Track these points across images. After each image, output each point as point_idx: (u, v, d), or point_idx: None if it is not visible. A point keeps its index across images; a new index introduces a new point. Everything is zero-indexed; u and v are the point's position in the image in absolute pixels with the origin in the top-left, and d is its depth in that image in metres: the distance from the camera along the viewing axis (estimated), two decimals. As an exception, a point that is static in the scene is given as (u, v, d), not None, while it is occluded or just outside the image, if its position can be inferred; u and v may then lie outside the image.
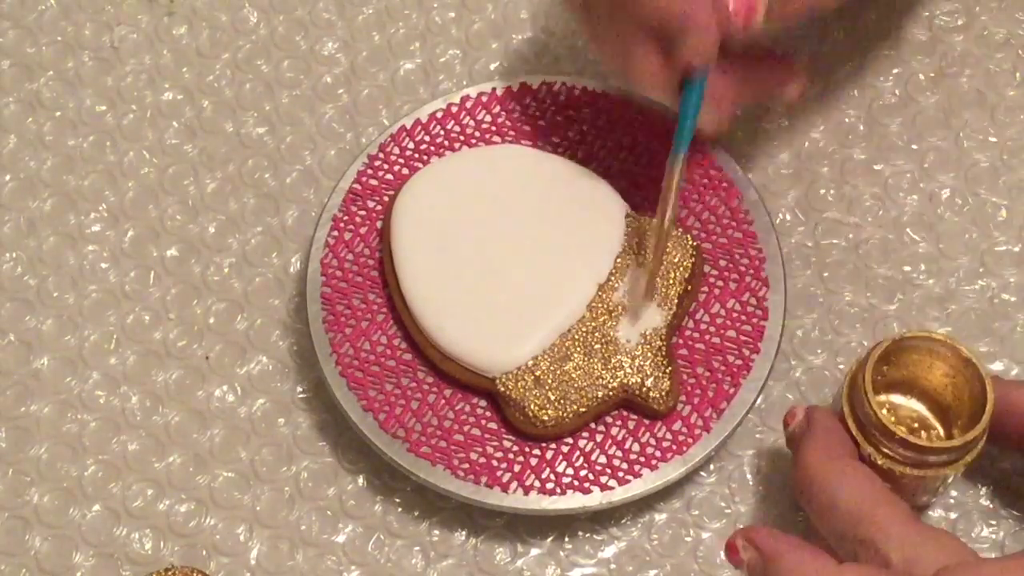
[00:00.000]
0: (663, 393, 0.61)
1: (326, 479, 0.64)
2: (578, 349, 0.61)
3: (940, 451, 0.57)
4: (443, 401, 0.62)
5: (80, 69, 0.73)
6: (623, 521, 0.63)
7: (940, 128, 0.70)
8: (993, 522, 0.62)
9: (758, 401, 0.62)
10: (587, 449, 0.61)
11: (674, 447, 0.61)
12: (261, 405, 0.65)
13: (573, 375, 0.61)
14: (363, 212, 0.66)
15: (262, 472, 0.64)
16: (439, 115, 0.68)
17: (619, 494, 0.60)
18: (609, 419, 0.62)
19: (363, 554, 0.63)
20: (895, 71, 0.71)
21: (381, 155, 0.67)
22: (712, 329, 0.63)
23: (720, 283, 0.64)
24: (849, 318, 0.66)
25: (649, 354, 0.61)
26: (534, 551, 0.63)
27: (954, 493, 0.63)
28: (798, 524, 0.62)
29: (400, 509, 0.63)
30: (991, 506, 0.63)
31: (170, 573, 0.60)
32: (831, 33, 0.71)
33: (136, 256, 0.69)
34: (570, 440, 0.61)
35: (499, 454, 0.61)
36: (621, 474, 0.60)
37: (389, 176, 0.67)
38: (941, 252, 0.67)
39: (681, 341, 0.63)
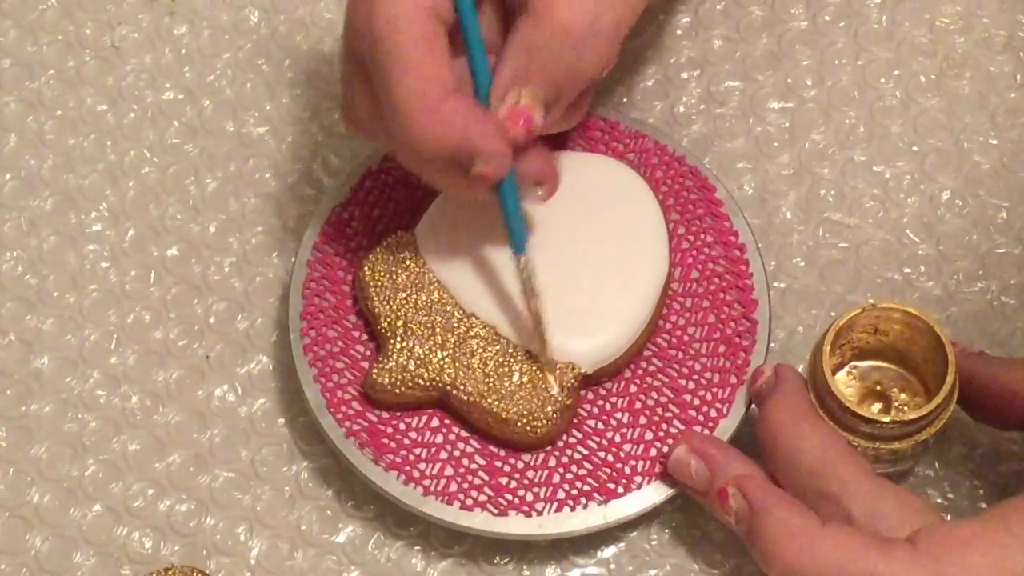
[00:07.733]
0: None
1: (326, 479, 0.64)
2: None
3: (882, 424, 0.58)
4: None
5: (81, 68, 0.73)
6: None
7: (940, 130, 0.70)
8: (992, 524, 0.62)
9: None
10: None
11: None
12: (261, 405, 0.65)
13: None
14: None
15: (262, 472, 0.64)
16: None
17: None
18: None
19: (363, 554, 0.63)
20: (896, 73, 0.71)
21: None
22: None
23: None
24: (849, 319, 0.66)
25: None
26: (534, 551, 0.63)
27: (951, 494, 0.63)
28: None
29: (400, 509, 0.63)
30: (988, 506, 0.63)
31: (170, 573, 0.60)
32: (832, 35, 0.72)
33: (136, 255, 0.69)
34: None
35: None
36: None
37: None
38: (941, 254, 0.67)
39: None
